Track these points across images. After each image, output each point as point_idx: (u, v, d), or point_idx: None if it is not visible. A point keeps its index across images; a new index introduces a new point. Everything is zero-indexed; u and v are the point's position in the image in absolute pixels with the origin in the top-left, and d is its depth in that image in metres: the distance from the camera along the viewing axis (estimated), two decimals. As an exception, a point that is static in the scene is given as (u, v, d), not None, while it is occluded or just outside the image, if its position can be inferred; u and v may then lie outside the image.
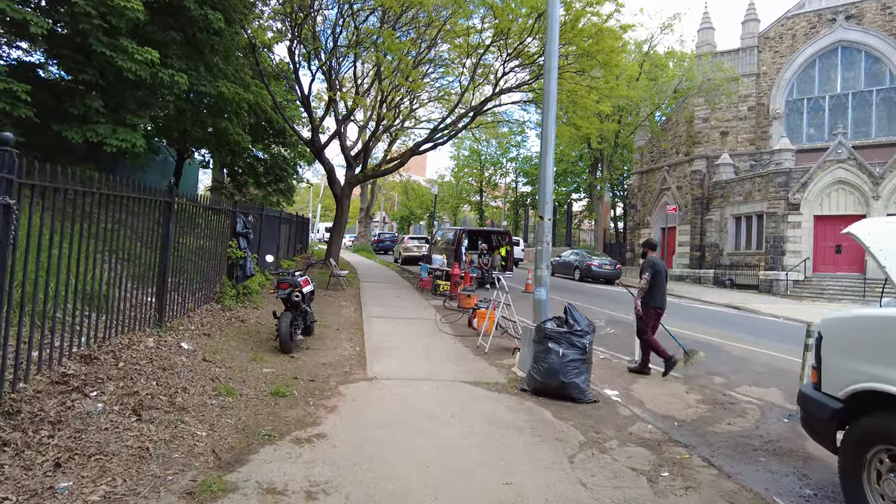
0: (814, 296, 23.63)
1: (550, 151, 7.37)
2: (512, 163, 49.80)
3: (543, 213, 7.33)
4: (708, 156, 31.55)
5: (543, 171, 7.38)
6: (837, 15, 28.74)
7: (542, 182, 7.37)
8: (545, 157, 7.38)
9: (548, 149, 7.36)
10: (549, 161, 7.38)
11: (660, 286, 7.78)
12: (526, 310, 14.05)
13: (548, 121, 7.40)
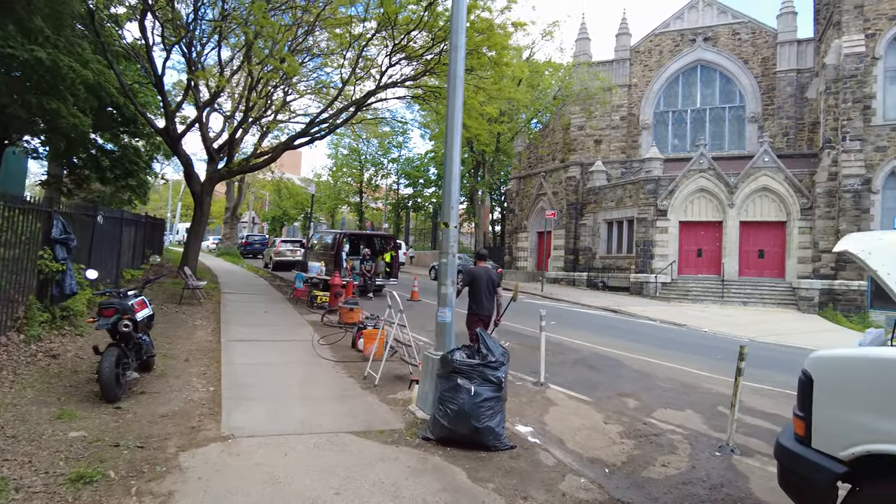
0: (680, 297, 25.00)
1: (456, 146, 6.18)
2: (394, 164, 48.51)
3: (448, 218, 6.11)
4: (582, 163, 32.60)
5: (449, 171, 6.16)
6: (697, 36, 30.98)
7: (448, 183, 6.15)
8: (450, 153, 6.17)
9: (453, 143, 6.16)
10: (455, 158, 6.18)
11: (479, 293, 7.70)
12: (416, 321, 12.93)
13: (454, 111, 6.20)
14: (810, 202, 24.24)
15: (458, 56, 6.31)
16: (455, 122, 6.17)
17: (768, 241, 25.49)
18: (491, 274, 8.02)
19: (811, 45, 28.86)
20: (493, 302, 7.95)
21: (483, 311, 7.85)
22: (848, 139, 23.12)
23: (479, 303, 7.84)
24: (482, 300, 7.81)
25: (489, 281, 7.90)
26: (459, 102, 6.23)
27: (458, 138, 6.20)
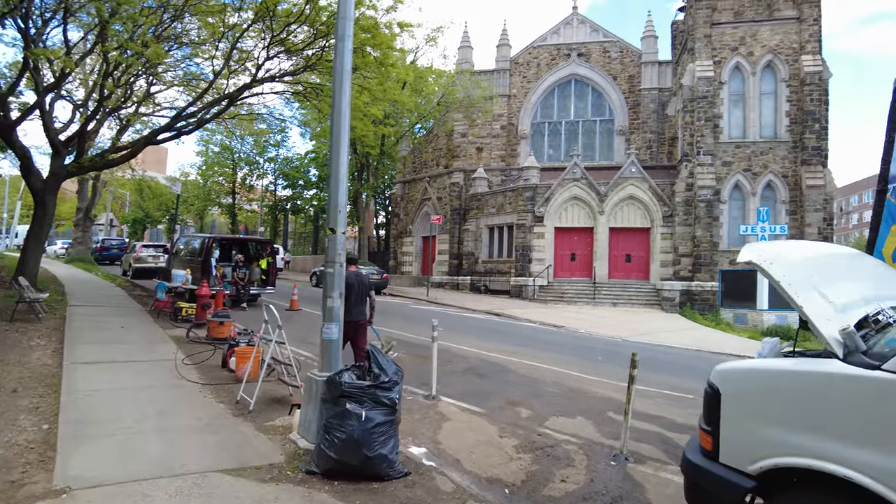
0: (556, 299, 26.12)
1: (343, 146, 5.62)
2: (271, 163, 46.02)
3: (335, 223, 5.53)
4: (465, 169, 33.11)
5: (336, 172, 5.58)
6: (572, 51, 32.74)
7: (334, 185, 5.56)
8: (336, 153, 5.60)
9: (340, 142, 5.60)
10: (342, 158, 5.62)
11: (349, 298, 7.37)
12: (297, 332, 12.04)
13: (341, 107, 5.63)
14: (671, 210, 26.46)
15: (345, 47, 5.77)
16: (342, 121, 5.62)
17: (635, 246, 27.46)
18: (362, 278, 7.96)
19: (670, 66, 31.66)
20: (365, 305, 7.98)
21: (353, 317, 7.70)
22: (702, 153, 25.57)
23: (348, 309, 7.49)
24: (351, 306, 7.59)
25: (360, 285, 7.84)
26: (347, 99, 5.69)
27: (345, 137, 5.66)
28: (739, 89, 26.30)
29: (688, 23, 27.55)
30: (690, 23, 26.99)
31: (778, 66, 25.86)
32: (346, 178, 5.70)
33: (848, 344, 2.91)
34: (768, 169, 25.49)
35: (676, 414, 7.56)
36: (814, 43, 25.48)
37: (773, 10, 26.12)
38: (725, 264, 25.29)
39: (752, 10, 26.35)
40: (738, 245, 25.60)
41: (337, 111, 5.63)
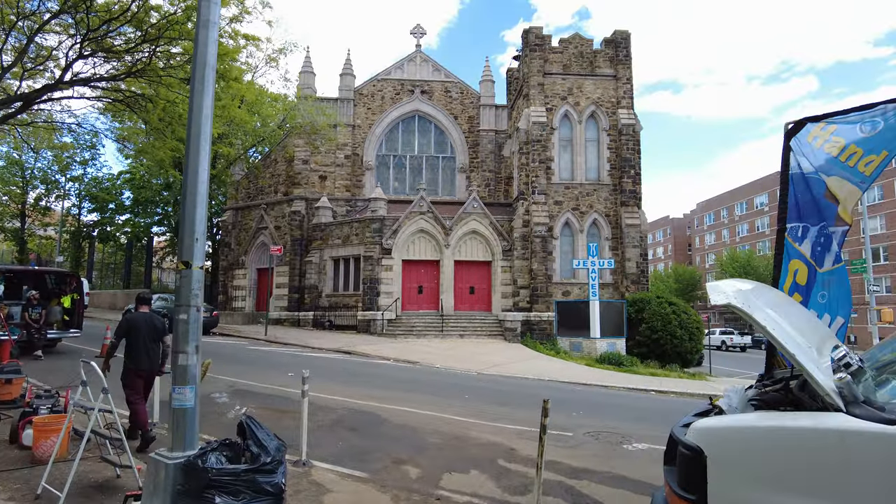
0: (405, 332, 25.61)
1: (204, 154, 4.44)
2: (75, 183, 39.45)
3: (191, 255, 4.28)
4: (308, 197, 31.56)
5: (193, 190, 4.36)
6: (416, 88, 33.27)
7: (191, 207, 4.33)
8: (196, 162, 4.40)
9: (200, 150, 4.40)
10: (202, 169, 4.43)
11: (137, 345, 6.88)
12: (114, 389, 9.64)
13: (202, 104, 4.46)
14: (510, 245, 27.69)
15: (209, 37, 4.63)
16: (203, 125, 4.45)
17: (478, 278, 28.18)
18: (154, 321, 7.18)
19: (506, 110, 33.69)
20: (156, 354, 7.14)
21: (143, 365, 6.94)
22: (536, 193, 27.27)
23: (138, 357, 6.91)
24: (141, 354, 6.91)
25: (151, 329, 7.05)
26: (210, 98, 4.54)
27: (206, 146, 4.48)
28: (568, 135, 28.75)
29: (522, 70, 29.62)
30: (525, 71, 29.03)
31: (600, 117, 28.82)
32: (206, 197, 4.50)
33: (846, 394, 2.65)
34: (594, 209, 28.02)
35: (565, 456, 7.28)
36: (627, 99, 28.90)
37: (594, 67, 29.18)
38: (559, 295, 27.02)
39: (577, 65, 29.17)
40: (570, 277, 27.62)
41: (197, 112, 4.45)
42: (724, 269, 63.00)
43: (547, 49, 29.05)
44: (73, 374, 11.35)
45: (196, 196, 4.36)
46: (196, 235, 4.30)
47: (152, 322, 7.11)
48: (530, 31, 29.10)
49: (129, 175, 38.25)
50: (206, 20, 4.66)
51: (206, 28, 4.65)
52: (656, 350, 24.02)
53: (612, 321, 23.89)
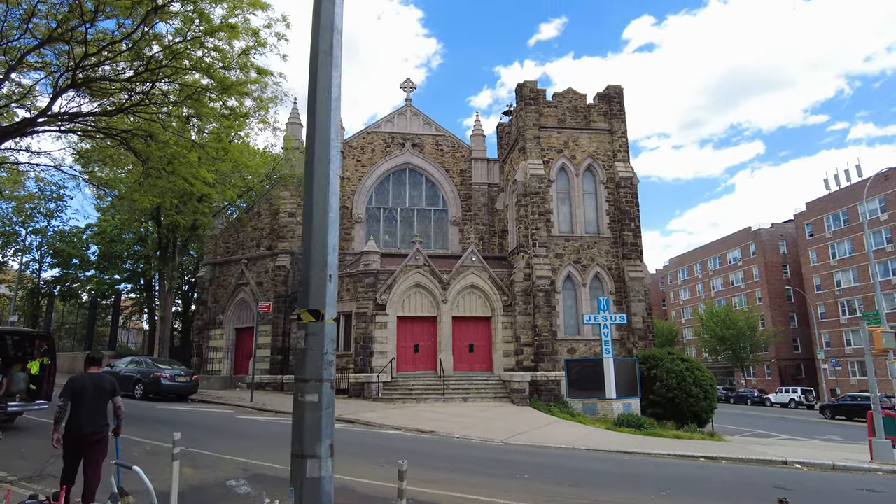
0: (403, 396, 23.65)
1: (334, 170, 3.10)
2: (37, 236, 36.64)
3: (322, 302, 2.86)
4: (293, 252, 29.92)
5: (322, 205, 2.98)
6: (406, 141, 32.62)
7: (320, 228, 2.93)
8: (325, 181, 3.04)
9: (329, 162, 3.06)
10: (332, 192, 3.07)
11: (81, 407, 6.48)
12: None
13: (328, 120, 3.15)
14: (510, 299, 26.41)
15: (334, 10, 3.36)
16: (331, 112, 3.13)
17: (477, 335, 26.65)
18: (102, 382, 6.74)
19: (497, 164, 33.23)
20: (103, 416, 6.68)
21: (82, 426, 6.41)
22: (537, 245, 26.32)
23: (77, 417, 6.42)
24: (82, 417, 6.44)
25: (98, 391, 6.63)
26: (339, 79, 3.23)
27: (336, 152, 3.14)
28: (566, 188, 28.20)
29: (518, 124, 29.30)
30: (521, 124, 28.70)
31: (597, 170, 28.45)
32: (337, 220, 3.11)
33: None
34: (595, 262, 27.16)
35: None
36: (623, 152, 28.72)
37: (588, 121, 29.07)
38: (564, 353, 25.63)
39: (572, 119, 29.02)
40: (574, 334, 26.34)
41: (323, 96, 3.13)
42: (704, 324, 62.89)
43: (542, 103, 28.89)
44: (41, 459, 9.36)
45: (326, 217, 2.98)
46: (328, 272, 2.91)
47: (100, 383, 6.71)
48: (525, 86, 28.98)
49: (97, 228, 35.90)
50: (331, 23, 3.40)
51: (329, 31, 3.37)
52: (671, 409, 22.65)
53: (625, 380, 22.57)
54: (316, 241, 2.89)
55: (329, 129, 3.05)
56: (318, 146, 3.02)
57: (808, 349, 60.26)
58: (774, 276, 65.30)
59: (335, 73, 3.14)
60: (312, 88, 3.11)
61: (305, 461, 2.61)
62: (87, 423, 6.47)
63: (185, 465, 9.35)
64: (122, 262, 37.85)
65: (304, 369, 2.74)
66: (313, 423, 2.66)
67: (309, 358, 2.74)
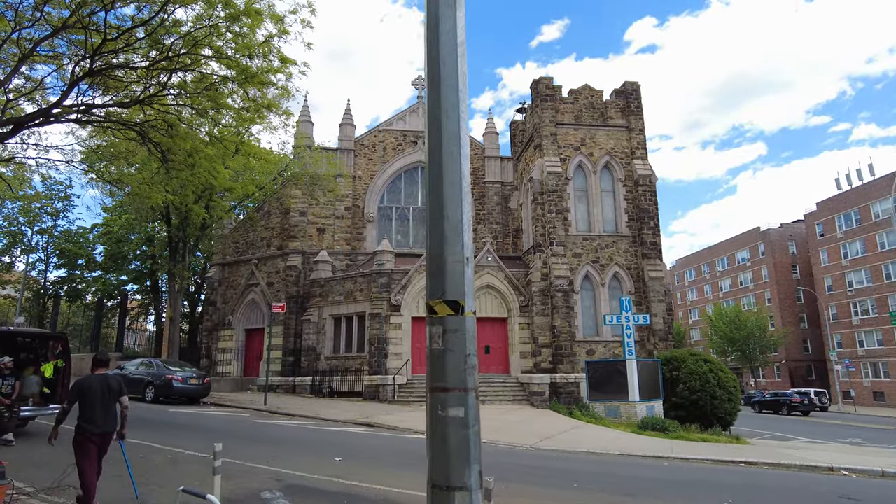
0: (420, 399, 23.04)
1: (464, 136, 2.55)
2: (43, 236, 36.02)
3: (461, 292, 2.31)
4: (305, 251, 29.40)
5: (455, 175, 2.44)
6: (418, 139, 32.06)
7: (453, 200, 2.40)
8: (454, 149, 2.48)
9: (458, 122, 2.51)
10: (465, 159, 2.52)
11: (92, 408, 6.56)
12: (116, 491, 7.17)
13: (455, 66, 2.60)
14: (527, 300, 25.84)
15: None
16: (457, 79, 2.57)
17: (493, 336, 26.07)
18: (109, 382, 6.84)
19: (511, 163, 32.66)
20: (113, 417, 6.81)
21: (95, 427, 6.55)
22: (555, 244, 25.75)
23: (91, 420, 6.51)
24: (95, 417, 6.55)
25: (106, 391, 6.73)
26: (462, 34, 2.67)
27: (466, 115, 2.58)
28: (583, 185, 27.64)
29: (534, 121, 28.74)
30: (537, 121, 28.14)
31: (615, 167, 27.88)
32: (470, 195, 2.55)
33: None
34: (614, 261, 26.58)
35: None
36: (641, 150, 28.16)
37: (606, 118, 28.51)
38: (583, 354, 25.06)
39: (589, 116, 28.46)
40: (593, 335, 25.76)
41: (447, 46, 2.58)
42: (713, 325, 62.25)
43: (558, 100, 28.34)
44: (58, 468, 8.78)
45: (459, 183, 2.43)
46: (465, 253, 2.33)
47: (107, 383, 6.79)
48: (541, 82, 28.44)
49: (104, 228, 35.34)
50: None
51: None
52: (694, 412, 22.04)
53: (648, 382, 21.97)
54: (449, 213, 2.34)
55: (456, 77, 2.50)
56: (444, 96, 2.47)
57: (819, 350, 59.58)
58: (784, 277, 64.65)
59: (459, 14, 2.59)
60: (433, 30, 2.56)
61: (452, 494, 2.05)
62: (102, 424, 6.60)
63: (208, 473, 8.79)
64: (127, 263, 37.29)
65: (443, 375, 2.18)
66: (460, 445, 2.10)
67: (450, 361, 2.19)
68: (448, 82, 2.48)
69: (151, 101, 12.48)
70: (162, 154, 12.12)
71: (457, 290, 2.27)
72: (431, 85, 2.55)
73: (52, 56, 14.29)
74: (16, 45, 13.47)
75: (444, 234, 2.32)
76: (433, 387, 2.21)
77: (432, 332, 2.27)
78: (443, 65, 2.50)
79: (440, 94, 2.49)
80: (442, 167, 2.40)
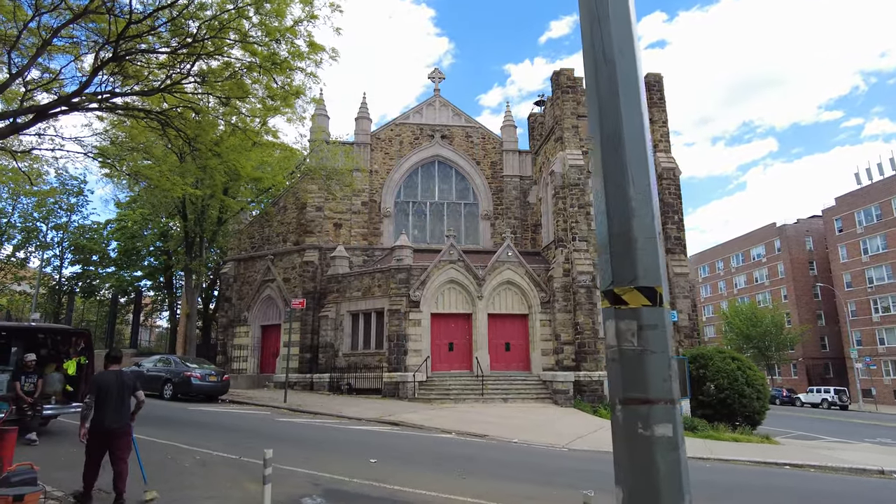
0: (441, 397, 22.63)
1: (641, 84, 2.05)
2: (58, 232, 35.84)
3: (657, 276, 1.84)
4: (321, 247, 29.01)
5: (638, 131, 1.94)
6: (435, 132, 31.55)
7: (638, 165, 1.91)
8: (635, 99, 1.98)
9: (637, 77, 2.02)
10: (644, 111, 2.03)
11: (107, 403, 6.76)
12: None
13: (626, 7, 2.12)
14: (548, 296, 25.33)
15: None
16: (629, 20, 2.07)
17: (514, 333, 25.58)
18: (124, 378, 7.14)
19: (529, 156, 32.09)
20: (127, 411, 7.02)
21: (110, 423, 6.77)
22: (577, 239, 25.21)
23: (105, 413, 6.73)
24: (108, 411, 6.75)
25: (121, 386, 6.98)
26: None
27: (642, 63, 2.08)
28: (605, 179, 27.03)
29: (554, 113, 28.17)
30: (557, 113, 27.57)
31: (636, 161, 27.27)
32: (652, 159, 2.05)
33: None
34: (636, 256, 25.97)
35: None
36: (665, 142, 27.55)
37: (627, 111, 27.87)
38: (606, 352, 24.50)
39: (609, 109, 27.83)
40: (616, 332, 25.20)
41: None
42: (729, 322, 61.43)
43: (579, 91, 27.73)
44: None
45: (643, 139, 1.94)
46: (657, 228, 1.86)
47: (122, 379, 7.04)
48: (561, 73, 27.84)
49: (119, 223, 35.09)
50: None
51: None
52: (722, 411, 21.49)
53: (674, 380, 21.43)
54: (636, 177, 1.86)
55: (628, 18, 2.01)
56: (615, 31, 1.98)
57: (837, 348, 58.66)
58: (801, 273, 63.67)
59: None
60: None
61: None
62: (111, 419, 6.74)
63: (246, 478, 8.39)
64: (141, 259, 37.05)
65: (643, 383, 1.70)
66: (671, 472, 1.63)
67: (651, 365, 1.71)
68: (618, 11, 1.99)
69: (172, 89, 12.06)
70: (188, 142, 11.70)
71: (652, 275, 1.80)
72: (592, 19, 2.05)
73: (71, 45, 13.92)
74: (35, 35, 13.11)
75: (630, 205, 1.85)
76: (628, 398, 1.73)
77: (620, 328, 1.79)
78: (613, 4, 2.01)
79: (608, 28, 1.99)
80: (620, 121, 1.91)
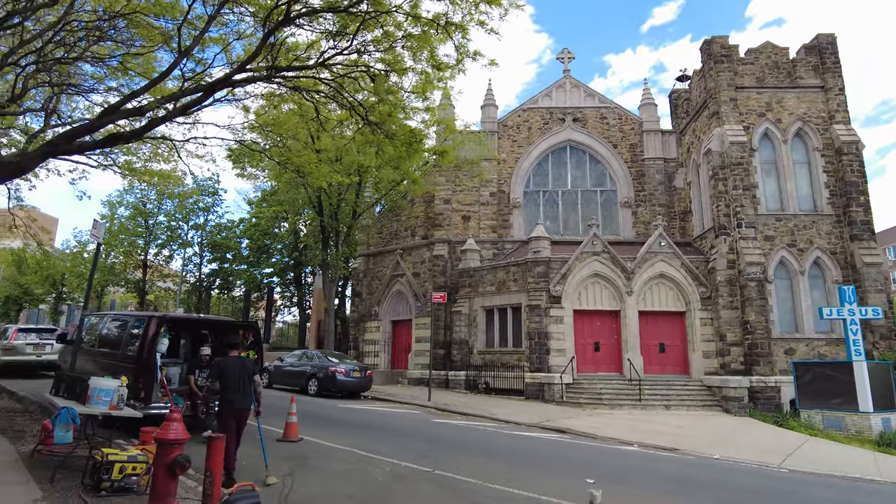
0: (592, 401, 20.67)
1: None
2: (197, 231, 38.04)
3: None
4: (450, 240, 28.04)
5: None
6: (566, 115, 29.54)
7: None
8: None
9: None
10: None
11: (231, 385, 7.50)
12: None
13: None
14: (709, 291, 22.53)
15: None
16: None
17: (668, 333, 23.03)
18: (245, 363, 7.82)
19: (674, 136, 29.16)
20: (250, 393, 7.70)
21: (236, 404, 7.52)
22: (744, 226, 22.20)
23: (233, 396, 7.47)
24: (236, 392, 7.48)
25: (242, 371, 7.64)
26: None
27: None
28: (771, 157, 23.73)
29: (707, 85, 25.14)
30: (711, 86, 24.55)
31: (809, 135, 23.66)
32: None
33: None
34: (814, 244, 22.46)
35: None
36: (843, 112, 23.67)
37: (794, 79, 24.28)
38: (780, 354, 21.35)
39: (773, 77, 24.41)
40: (792, 331, 21.94)
41: None
42: None
43: (735, 60, 24.56)
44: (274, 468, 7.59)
45: None
46: None
47: (243, 364, 7.81)
48: (713, 42, 24.81)
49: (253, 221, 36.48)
50: None
51: None
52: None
53: (877, 389, 18.03)
54: None
55: None
56: None
57: None
58: None
59: None
60: None
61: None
62: (240, 401, 7.57)
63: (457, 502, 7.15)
64: (270, 257, 38.36)
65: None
66: None
67: None
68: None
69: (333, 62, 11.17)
70: (364, 117, 10.80)
71: None
72: None
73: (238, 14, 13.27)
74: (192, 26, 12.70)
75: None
76: None
77: None
78: None
79: None
80: None
